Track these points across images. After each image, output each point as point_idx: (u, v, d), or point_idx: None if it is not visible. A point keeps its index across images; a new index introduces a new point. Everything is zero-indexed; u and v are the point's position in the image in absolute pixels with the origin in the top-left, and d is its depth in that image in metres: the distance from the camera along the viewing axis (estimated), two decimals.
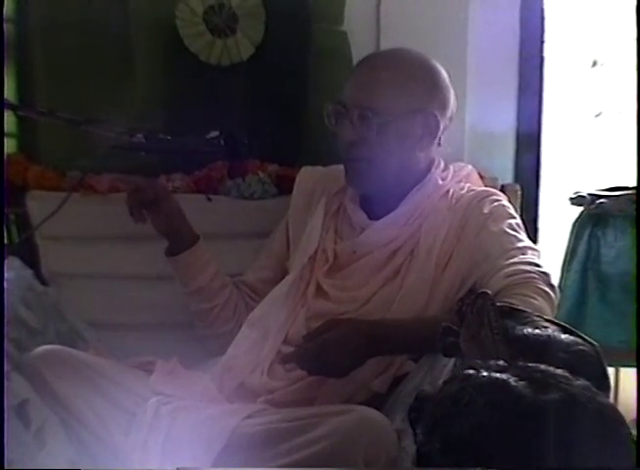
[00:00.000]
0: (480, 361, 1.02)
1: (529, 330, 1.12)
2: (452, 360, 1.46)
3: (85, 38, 2.12)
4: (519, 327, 1.12)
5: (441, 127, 1.77)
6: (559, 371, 0.96)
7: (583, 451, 0.89)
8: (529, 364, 0.98)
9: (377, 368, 1.69)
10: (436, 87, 1.77)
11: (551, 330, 1.13)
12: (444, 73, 1.80)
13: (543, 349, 1.09)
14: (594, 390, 0.94)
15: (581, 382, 0.95)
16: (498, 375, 0.95)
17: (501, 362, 1.00)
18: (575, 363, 1.08)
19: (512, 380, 0.94)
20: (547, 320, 1.17)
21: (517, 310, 1.18)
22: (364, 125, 1.74)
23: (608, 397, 1.09)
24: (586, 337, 1.14)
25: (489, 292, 1.16)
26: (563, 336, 1.13)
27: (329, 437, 1.49)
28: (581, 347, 1.12)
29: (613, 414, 0.93)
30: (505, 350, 1.07)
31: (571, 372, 1.06)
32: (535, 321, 1.15)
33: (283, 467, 1.51)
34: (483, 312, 1.11)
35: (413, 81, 1.75)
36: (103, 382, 1.70)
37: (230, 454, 1.57)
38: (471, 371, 0.98)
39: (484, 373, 0.96)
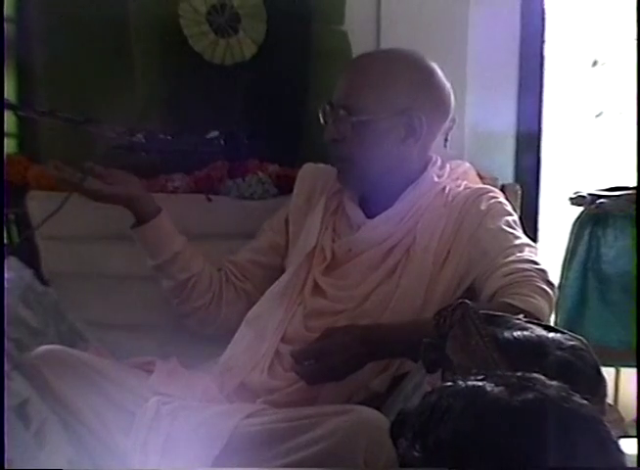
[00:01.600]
0: (464, 374, 1.02)
1: (518, 333, 1.11)
2: None
3: (86, 38, 2.12)
4: (506, 332, 1.12)
5: (425, 128, 1.76)
6: (535, 375, 0.96)
7: (559, 450, 0.89)
8: (507, 373, 0.98)
9: (376, 368, 1.69)
10: (425, 88, 1.77)
11: (538, 330, 1.13)
12: (438, 73, 1.79)
13: (538, 349, 1.09)
14: (570, 391, 0.94)
15: (557, 384, 0.95)
16: (475, 383, 0.95)
17: (480, 377, 1.00)
18: (574, 359, 1.08)
19: (488, 386, 0.94)
20: (528, 321, 1.17)
21: (498, 316, 1.18)
22: (344, 124, 1.76)
23: (605, 389, 1.10)
24: (570, 333, 1.15)
25: (468, 301, 1.16)
26: (550, 334, 1.13)
27: (329, 437, 1.49)
28: (573, 342, 1.12)
29: (589, 413, 0.93)
30: (500, 356, 1.07)
31: (570, 369, 1.06)
32: (519, 324, 1.15)
33: (283, 467, 1.51)
34: (467, 322, 1.11)
35: (397, 82, 1.75)
36: (103, 382, 1.70)
37: (230, 454, 1.57)
38: (449, 383, 0.98)
39: (461, 382, 0.96)
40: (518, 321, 1.15)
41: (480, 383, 0.95)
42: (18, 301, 1.80)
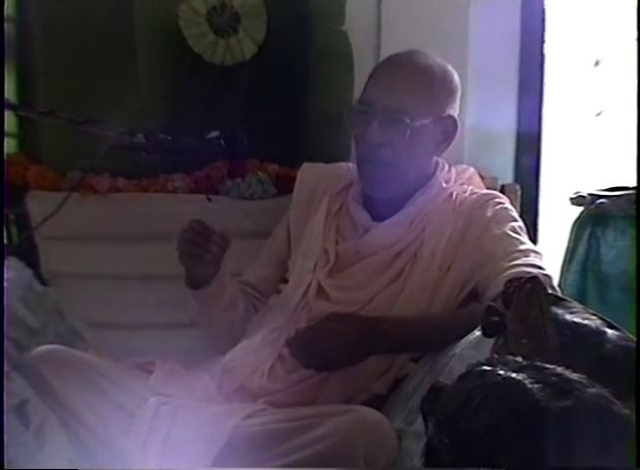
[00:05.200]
0: (492, 357, 1.00)
1: (578, 318, 1.11)
2: (453, 360, 1.47)
3: (86, 38, 2.12)
4: (568, 314, 1.11)
5: (457, 132, 1.77)
6: (575, 376, 0.95)
7: (589, 456, 0.89)
8: (546, 366, 0.96)
9: (378, 370, 1.69)
10: (455, 92, 1.78)
11: (598, 322, 1.12)
12: (457, 77, 1.80)
13: (593, 338, 1.08)
14: (610, 398, 0.93)
15: (597, 390, 0.94)
16: (514, 375, 0.94)
17: (519, 359, 0.99)
18: (623, 358, 1.07)
19: (527, 382, 0.93)
20: (592, 314, 1.16)
21: (564, 300, 1.17)
22: (394, 129, 1.71)
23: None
24: (628, 334, 1.13)
25: (540, 277, 1.16)
26: (610, 330, 1.12)
27: (329, 437, 1.49)
28: (630, 342, 1.10)
29: (625, 421, 0.92)
30: (554, 333, 1.07)
31: (617, 366, 1.06)
32: (583, 311, 1.14)
33: (283, 467, 1.51)
34: (533, 296, 1.11)
35: (438, 87, 1.74)
36: (103, 382, 1.70)
37: (230, 454, 1.57)
38: (487, 367, 0.97)
39: (500, 372, 0.95)
40: (582, 309, 1.15)
41: (519, 376, 0.93)
42: (17, 301, 1.80)
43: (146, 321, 2.07)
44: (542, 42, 2.26)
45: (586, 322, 1.11)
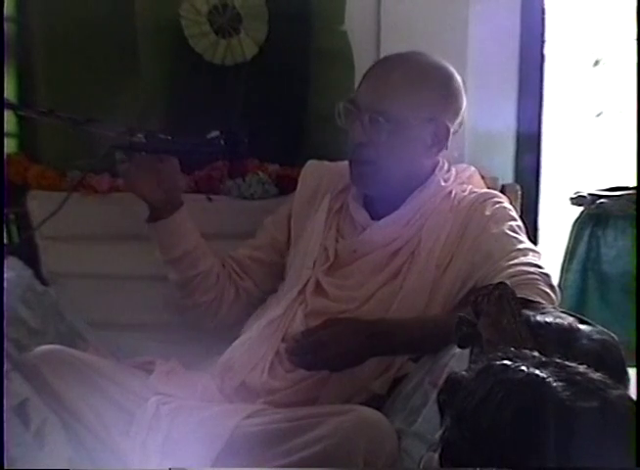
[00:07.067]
0: (509, 351, 1.00)
1: (550, 318, 1.11)
2: (453, 360, 1.47)
3: (86, 38, 2.12)
4: (539, 316, 1.11)
5: (451, 135, 1.77)
6: (597, 375, 0.93)
7: (613, 455, 0.88)
8: (568, 363, 0.95)
9: (377, 369, 1.70)
10: (451, 96, 1.78)
11: (570, 320, 1.13)
12: (459, 80, 1.79)
13: (567, 336, 1.08)
14: (632, 400, 0.93)
15: (621, 391, 0.93)
16: (537, 372, 0.93)
17: (535, 354, 0.98)
18: (601, 352, 1.07)
19: (551, 379, 0.91)
20: (563, 312, 1.17)
21: (533, 302, 1.18)
22: (375, 129, 1.73)
23: (628, 387, 1.08)
24: (603, 328, 1.13)
25: (507, 283, 1.16)
26: (583, 326, 1.12)
27: (329, 437, 1.49)
28: (604, 336, 1.11)
29: None
30: (528, 336, 1.07)
31: (596, 360, 1.05)
32: (553, 311, 1.14)
33: (283, 467, 1.51)
34: (503, 301, 1.11)
35: (429, 90, 1.75)
36: (103, 382, 1.70)
37: (230, 454, 1.57)
38: (508, 362, 0.95)
39: (523, 367, 0.94)
40: (552, 309, 1.15)
41: (543, 373, 0.92)
42: (17, 301, 1.80)
43: (146, 321, 2.07)
44: (542, 42, 2.25)
45: (558, 321, 1.11)
